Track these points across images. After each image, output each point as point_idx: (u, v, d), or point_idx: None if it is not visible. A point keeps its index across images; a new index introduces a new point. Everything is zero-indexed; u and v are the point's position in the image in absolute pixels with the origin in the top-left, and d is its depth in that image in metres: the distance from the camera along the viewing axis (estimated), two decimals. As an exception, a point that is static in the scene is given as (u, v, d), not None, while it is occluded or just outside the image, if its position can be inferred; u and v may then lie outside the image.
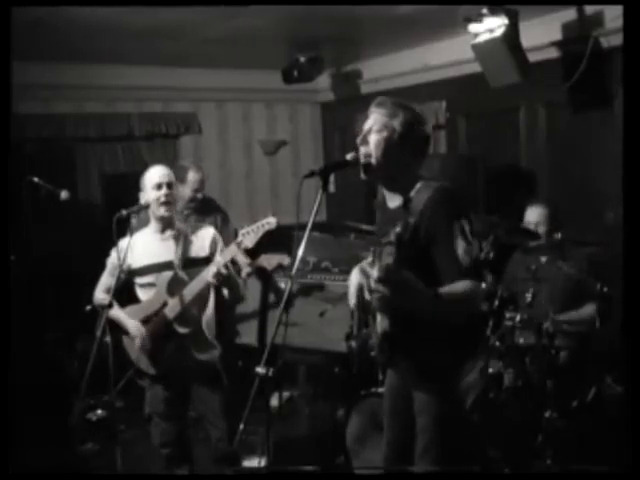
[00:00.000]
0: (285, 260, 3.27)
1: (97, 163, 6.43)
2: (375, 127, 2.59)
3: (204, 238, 3.51)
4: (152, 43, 5.20)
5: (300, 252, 2.66)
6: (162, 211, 3.42)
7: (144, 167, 5.09)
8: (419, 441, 2.71)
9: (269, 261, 3.26)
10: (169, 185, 3.42)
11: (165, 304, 3.40)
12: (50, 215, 5.25)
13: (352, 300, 2.70)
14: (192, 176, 4.59)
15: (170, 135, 6.70)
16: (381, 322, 2.56)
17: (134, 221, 4.12)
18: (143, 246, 3.50)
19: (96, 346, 3.60)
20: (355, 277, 2.71)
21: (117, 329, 3.57)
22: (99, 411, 4.89)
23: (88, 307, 3.86)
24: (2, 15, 2.61)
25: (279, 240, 4.30)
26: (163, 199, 3.39)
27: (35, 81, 5.51)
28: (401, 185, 2.63)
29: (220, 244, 3.51)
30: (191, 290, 3.34)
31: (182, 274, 3.39)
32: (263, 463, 2.72)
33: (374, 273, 2.33)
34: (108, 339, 4.04)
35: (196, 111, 6.85)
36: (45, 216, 5.25)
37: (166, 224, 3.49)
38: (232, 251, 3.25)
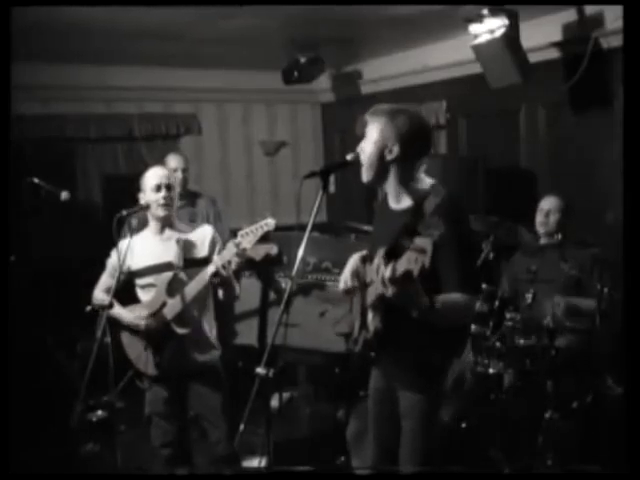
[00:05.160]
0: (273, 250, 3.25)
1: (97, 164, 6.45)
2: (372, 137, 2.58)
3: (203, 238, 3.51)
4: (152, 44, 5.20)
5: (300, 252, 2.66)
6: (161, 212, 3.43)
7: (144, 168, 5.17)
8: (404, 444, 2.72)
9: (257, 251, 3.23)
10: (168, 187, 3.43)
11: (164, 304, 3.40)
12: (50, 215, 5.26)
13: (344, 283, 2.75)
14: (172, 160, 4.90)
15: (170, 136, 6.71)
16: (373, 319, 2.56)
17: (134, 222, 4.13)
18: (143, 247, 3.51)
19: (96, 347, 3.60)
20: (352, 263, 2.76)
21: (118, 328, 3.57)
22: (99, 412, 4.88)
23: (88, 308, 3.86)
24: (2, 15, 2.61)
25: (279, 241, 4.31)
26: (162, 201, 3.41)
27: (35, 82, 5.51)
28: (405, 187, 2.63)
29: (219, 244, 3.51)
30: (190, 290, 3.35)
31: (182, 274, 3.40)
32: (263, 463, 2.72)
33: (387, 272, 2.27)
34: (108, 340, 4.04)
35: (196, 112, 6.85)
36: (45, 216, 5.25)
37: (165, 225, 3.50)
38: (230, 251, 3.26)
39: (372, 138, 2.58)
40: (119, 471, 3.87)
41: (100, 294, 3.63)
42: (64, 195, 4.44)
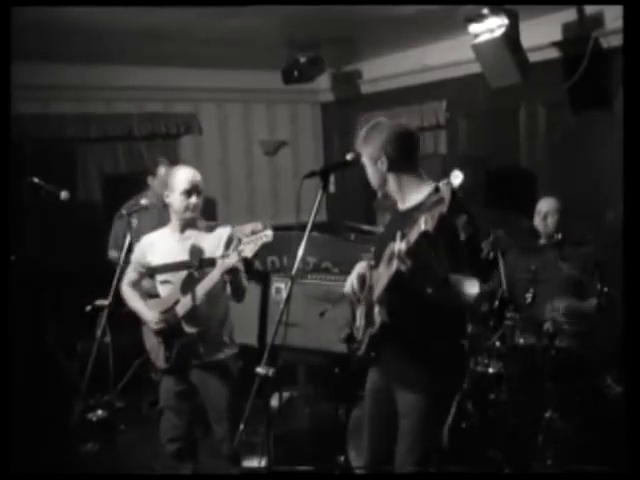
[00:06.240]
0: (258, 225, 3.37)
1: (97, 163, 6.44)
2: (365, 160, 2.79)
3: (220, 238, 3.56)
4: (152, 43, 5.20)
5: (300, 252, 2.67)
6: (187, 216, 3.51)
7: (144, 168, 5.18)
8: (401, 442, 2.73)
9: (242, 231, 3.35)
10: (199, 192, 3.49)
11: (177, 302, 3.48)
12: (50, 215, 5.26)
13: (350, 287, 2.82)
14: (162, 170, 4.92)
15: (170, 135, 6.70)
16: (379, 312, 2.61)
17: (134, 221, 4.14)
18: (163, 245, 3.59)
19: (96, 347, 3.61)
20: (358, 268, 2.84)
21: (138, 320, 3.67)
22: (99, 411, 4.89)
23: (88, 308, 3.87)
24: (2, 15, 2.61)
25: (279, 240, 4.31)
26: (192, 206, 3.48)
27: (35, 81, 5.51)
28: (407, 189, 2.75)
29: (235, 243, 3.56)
30: (200, 290, 3.41)
31: (196, 273, 3.46)
32: (263, 463, 2.72)
33: (402, 245, 2.35)
34: (108, 339, 4.05)
35: (196, 111, 6.85)
36: (45, 216, 5.26)
37: (187, 225, 3.56)
38: (234, 259, 3.32)
39: (365, 161, 2.80)
40: (119, 471, 3.88)
41: (126, 288, 3.72)
42: (64, 195, 4.44)
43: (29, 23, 4.05)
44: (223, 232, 3.59)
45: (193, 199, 3.46)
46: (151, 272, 3.62)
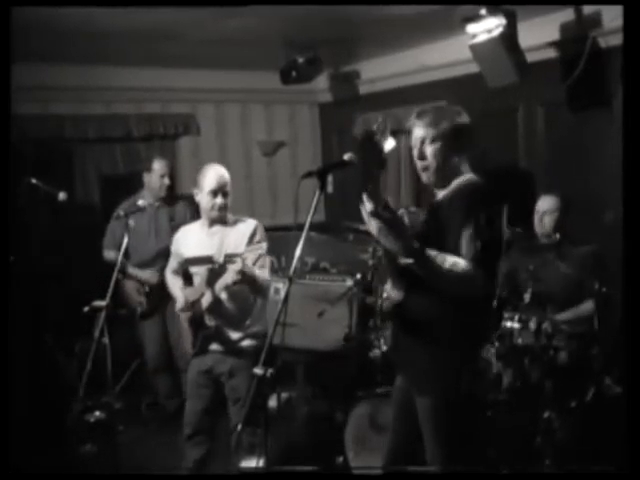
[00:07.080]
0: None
1: (95, 164, 6.43)
2: (428, 139, 2.79)
3: (244, 233, 3.65)
4: (150, 44, 5.19)
5: (298, 252, 2.66)
6: (213, 215, 3.64)
7: (142, 168, 5.18)
8: (426, 445, 2.78)
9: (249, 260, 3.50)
10: (225, 193, 3.61)
11: (203, 295, 3.61)
12: (48, 216, 5.25)
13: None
14: (157, 164, 5.07)
15: (168, 136, 6.70)
16: (392, 289, 2.74)
17: (131, 222, 4.15)
18: (193, 238, 3.76)
19: (94, 347, 3.62)
20: None
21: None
22: (97, 412, 4.89)
23: (86, 308, 3.87)
24: (2, 15, 2.60)
25: (277, 241, 4.31)
26: (218, 207, 3.60)
27: (34, 82, 5.50)
28: (448, 181, 2.85)
29: (258, 235, 3.67)
30: (219, 286, 3.52)
31: (219, 268, 3.54)
32: (261, 464, 2.72)
33: (368, 206, 2.52)
34: (106, 340, 4.06)
35: (194, 112, 6.84)
36: (43, 217, 5.25)
37: (215, 221, 3.68)
38: (238, 265, 3.40)
39: (429, 139, 2.80)
40: (117, 472, 3.88)
41: (169, 275, 3.95)
42: (61, 196, 4.44)
43: (29, 23, 4.05)
44: (248, 226, 3.69)
45: (219, 199, 3.59)
46: (183, 264, 3.78)
